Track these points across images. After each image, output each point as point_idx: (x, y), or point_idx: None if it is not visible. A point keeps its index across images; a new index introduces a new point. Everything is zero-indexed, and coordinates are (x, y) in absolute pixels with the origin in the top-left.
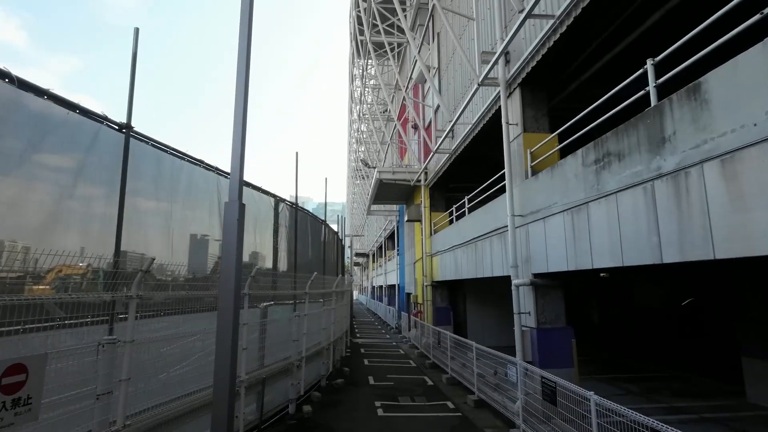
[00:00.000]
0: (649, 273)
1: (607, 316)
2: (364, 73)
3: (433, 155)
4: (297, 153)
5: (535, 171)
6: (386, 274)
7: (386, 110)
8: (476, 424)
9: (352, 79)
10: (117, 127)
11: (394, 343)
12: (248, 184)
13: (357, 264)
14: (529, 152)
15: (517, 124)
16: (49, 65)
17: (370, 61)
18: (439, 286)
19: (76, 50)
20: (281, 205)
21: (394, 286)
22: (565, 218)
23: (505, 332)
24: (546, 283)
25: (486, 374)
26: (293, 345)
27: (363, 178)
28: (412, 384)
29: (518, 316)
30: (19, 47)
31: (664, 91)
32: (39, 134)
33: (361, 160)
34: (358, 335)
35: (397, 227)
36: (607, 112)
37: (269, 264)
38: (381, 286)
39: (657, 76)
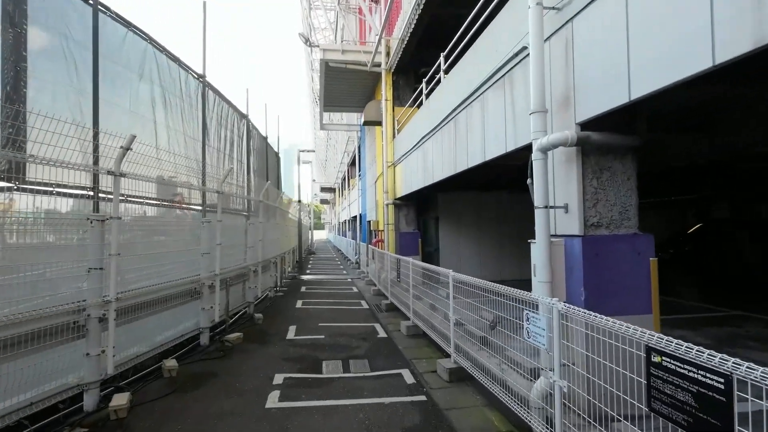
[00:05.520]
0: None
1: None
2: None
3: (394, 4)
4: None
5: None
6: (350, 205)
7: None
8: None
9: None
10: None
11: (350, 279)
12: None
13: (325, 201)
14: None
15: None
16: None
17: None
18: (403, 205)
19: None
20: (147, 45)
21: (357, 217)
22: None
23: (490, 266)
24: (609, 142)
25: (466, 321)
26: (94, 276)
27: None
28: (355, 337)
29: (543, 212)
30: None
31: None
32: None
33: (299, 33)
34: (309, 271)
35: (359, 147)
36: None
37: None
38: (346, 221)
39: None
